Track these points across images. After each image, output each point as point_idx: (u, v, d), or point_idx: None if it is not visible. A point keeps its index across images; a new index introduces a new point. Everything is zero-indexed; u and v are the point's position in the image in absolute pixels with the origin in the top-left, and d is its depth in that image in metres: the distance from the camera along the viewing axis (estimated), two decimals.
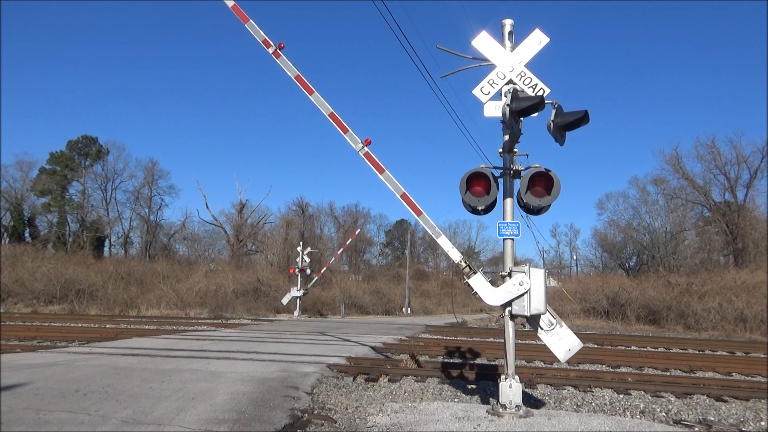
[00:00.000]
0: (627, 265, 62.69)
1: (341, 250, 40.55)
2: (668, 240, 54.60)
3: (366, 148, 7.15)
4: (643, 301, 31.30)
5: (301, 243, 35.27)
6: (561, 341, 6.18)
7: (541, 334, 6.29)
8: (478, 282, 6.38)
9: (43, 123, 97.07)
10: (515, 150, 6.69)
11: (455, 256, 6.68)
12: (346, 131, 7.31)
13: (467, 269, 6.47)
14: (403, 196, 6.98)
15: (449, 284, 63.67)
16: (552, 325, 6.21)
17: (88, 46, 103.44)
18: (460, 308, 52.03)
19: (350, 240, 40.99)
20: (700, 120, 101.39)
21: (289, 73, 7.62)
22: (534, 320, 6.26)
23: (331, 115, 7.41)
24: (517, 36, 6.95)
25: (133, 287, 35.11)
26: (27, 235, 57.90)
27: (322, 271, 33.94)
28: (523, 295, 6.09)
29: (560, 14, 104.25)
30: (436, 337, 18.25)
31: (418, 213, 6.93)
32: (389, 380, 8.85)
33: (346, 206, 78.03)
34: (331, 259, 39.07)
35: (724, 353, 15.04)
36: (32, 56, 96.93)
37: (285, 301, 31.69)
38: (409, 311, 45.02)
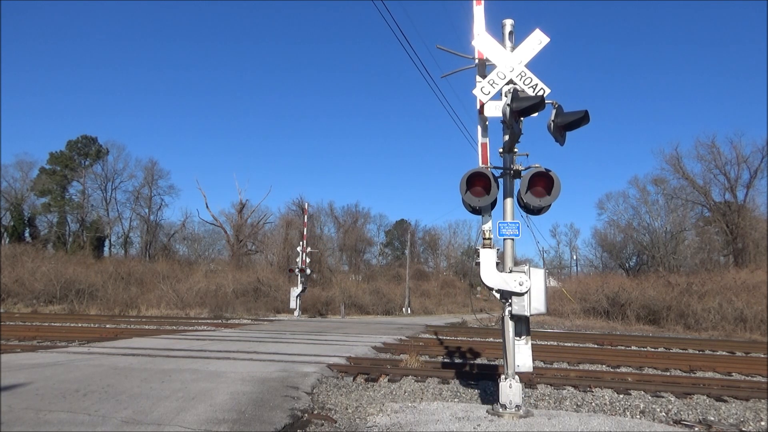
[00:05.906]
0: (627, 265, 62.64)
1: (306, 213, 40.26)
2: (668, 240, 54.56)
3: None
4: (643, 301, 31.30)
5: (301, 243, 35.12)
6: (518, 355, 6.22)
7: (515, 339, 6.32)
8: (488, 257, 6.36)
9: (43, 123, 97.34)
10: (515, 150, 6.68)
11: (486, 225, 6.62)
12: None
13: (489, 240, 6.48)
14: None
15: (449, 284, 63.76)
16: (521, 338, 6.23)
17: (88, 46, 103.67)
18: (460, 308, 52.09)
19: (302, 217, 40.14)
20: (700, 120, 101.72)
21: None
22: (521, 322, 6.27)
23: None
24: (518, 36, 6.93)
25: (133, 287, 35.12)
26: (27, 235, 57.88)
27: (305, 232, 33.51)
28: (521, 294, 6.09)
29: (560, 14, 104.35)
30: (436, 337, 18.26)
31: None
32: (389, 380, 8.85)
33: (346, 206, 78.03)
34: (304, 218, 37.39)
35: (724, 353, 15.03)
36: (32, 56, 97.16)
37: (293, 303, 31.34)
38: (409, 311, 44.98)
